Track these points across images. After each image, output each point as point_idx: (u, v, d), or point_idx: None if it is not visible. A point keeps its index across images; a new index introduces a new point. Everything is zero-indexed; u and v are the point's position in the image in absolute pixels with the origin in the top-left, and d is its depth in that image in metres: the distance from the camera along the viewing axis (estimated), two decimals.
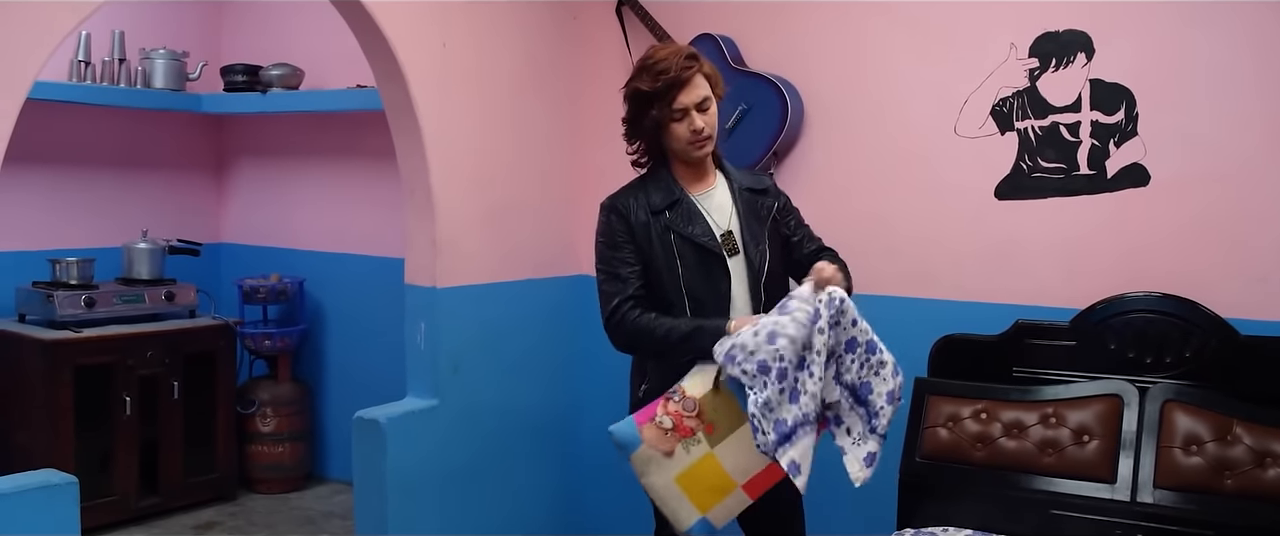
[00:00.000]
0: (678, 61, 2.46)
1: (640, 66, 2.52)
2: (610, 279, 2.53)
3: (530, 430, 3.78)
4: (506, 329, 3.63)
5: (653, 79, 2.46)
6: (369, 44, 3.21)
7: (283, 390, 4.79)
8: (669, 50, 2.50)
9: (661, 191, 2.55)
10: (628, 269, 2.51)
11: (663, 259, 2.51)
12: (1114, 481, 2.73)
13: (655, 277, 2.52)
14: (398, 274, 3.52)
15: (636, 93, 2.49)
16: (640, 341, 2.50)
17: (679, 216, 2.52)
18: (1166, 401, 2.75)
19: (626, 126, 2.58)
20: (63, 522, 2.48)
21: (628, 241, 2.53)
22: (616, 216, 2.55)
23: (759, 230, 2.57)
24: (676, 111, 2.47)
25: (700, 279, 2.50)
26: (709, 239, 2.51)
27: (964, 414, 2.94)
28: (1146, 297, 2.88)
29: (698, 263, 2.50)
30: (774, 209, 2.63)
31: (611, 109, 3.90)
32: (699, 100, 2.48)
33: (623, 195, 2.60)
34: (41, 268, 4.40)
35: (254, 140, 5.22)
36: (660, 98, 2.45)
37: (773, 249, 2.58)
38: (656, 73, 2.46)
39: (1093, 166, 3.05)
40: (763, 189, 2.66)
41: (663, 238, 2.51)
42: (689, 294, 2.49)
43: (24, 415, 4.18)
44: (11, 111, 2.40)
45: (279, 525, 4.39)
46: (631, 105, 2.53)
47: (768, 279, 2.54)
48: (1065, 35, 3.06)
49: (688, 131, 2.48)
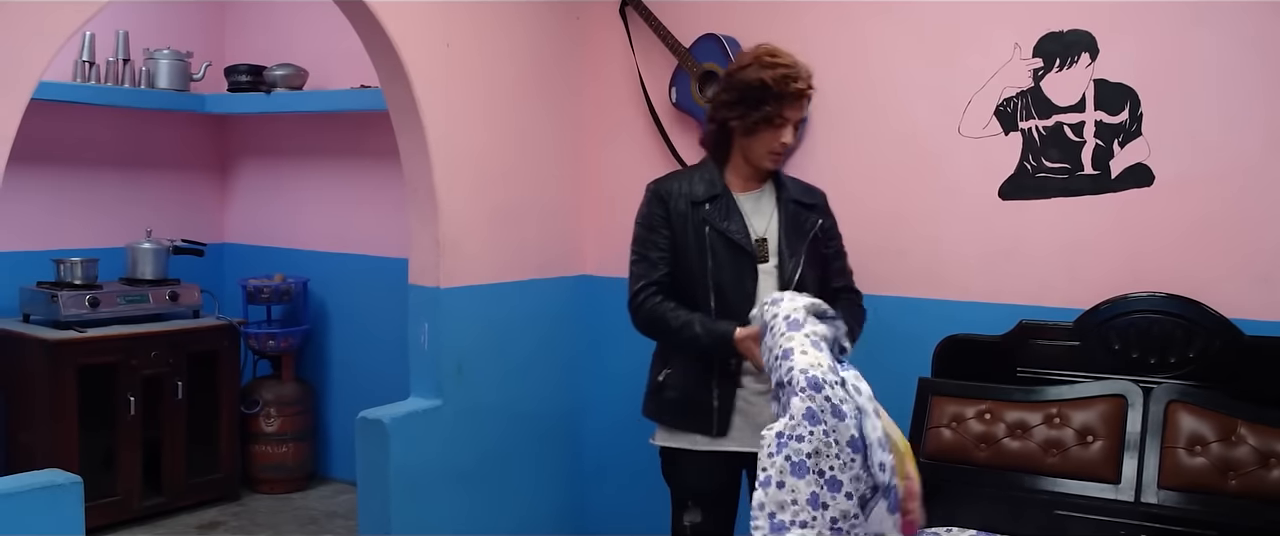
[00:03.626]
0: (806, 76, 2.47)
1: (759, 59, 2.48)
2: (641, 261, 2.58)
3: (534, 430, 3.78)
4: (510, 329, 3.63)
5: (779, 80, 2.44)
6: (373, 44, 3.21)
7: (286, 390, 4.80)
8: (794, 58, 2.49)
9: (705, 184, 2.57)
10: (657, 253, 2.55)
11: (695, 250, 2.53)
12: (1118, 482, 2.72)
13: (685, 267, 2.54)
14: (401, 274, 3.52)
15: (757, 82, 2.45)
16: (655, 328, 2.55)
17: (717, 211, 2.53)
18: (1171, 402, 2.75)
19: (718, 107, 2.55)
20: (66, 522, 2.47)
21: (664, 226, 2.56)
22: (657, 201, 2.59)
23: (798, 243, 2.58)
24: (780, 119, 2.47)
25: (729, 275, 2.52)
26: (743, 237, 2.53)
27: (968, 414, 2.94)
28: (1151, 298, 2.88)
29: (728, 259, 2.52)
30: (818, 226, 2.64)
31: (616, 108, 3.93)
32: (802, 118, 2.52)
33: (668, 180, 2.63)
34: (45, 268, 4.40)
35: (258, 140, 5.22)
36: (776, 99, 2.45)
37: (809, 264, 2.58)
38: (784, 76, 2.44)
39: (1097, 167, 3.04)
40: (811, 203, 2.66)
41: (698, 229, 2.53)
42: (715, 287, 2.52)
43: (28, 415, 4.18)
44: (16, 111, 2.40)
45: (282, 525, 4.39)
46: (741, 91, 2.48)
47: (797, 287, 2.53)
48: (1069, 35, 3.06)
49: (777, 142, 2.50)
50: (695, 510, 2.63)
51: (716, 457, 2.58)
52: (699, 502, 2.62)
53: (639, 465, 3.94)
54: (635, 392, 3.94)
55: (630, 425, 3.95)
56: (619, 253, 3.91)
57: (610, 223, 3.97)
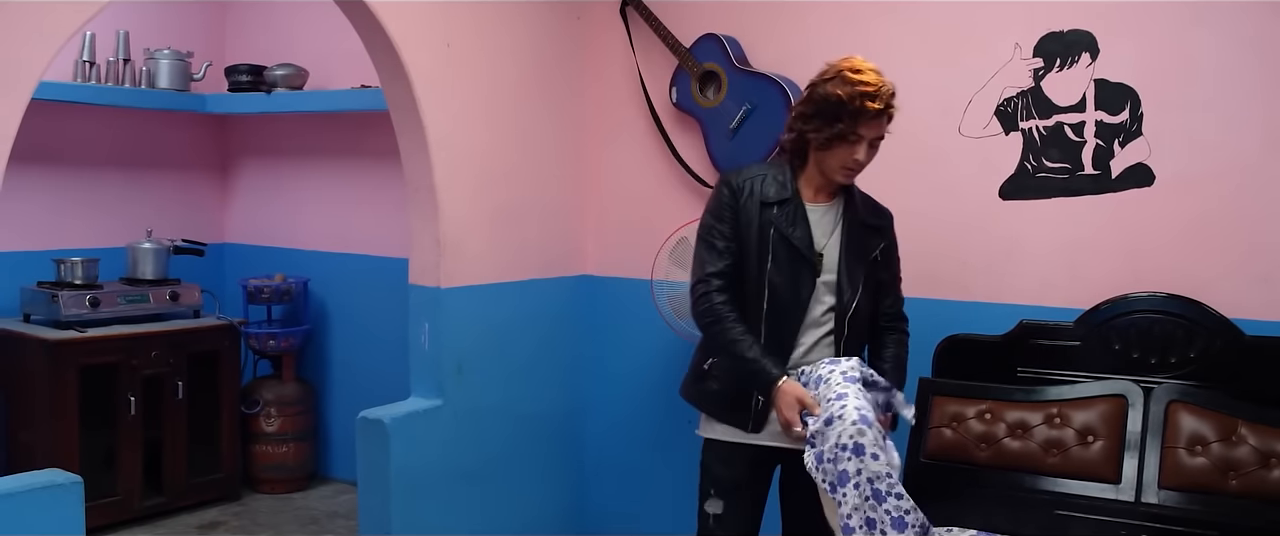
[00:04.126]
0: (885, 93, 2.44)
1: (840, 73, 2.45)
2: (708, 248, 2.57)
3: (534, 430, 3.78)
4: (511, 329, 3.63)
5: (855, 97, 2.41)
6: (373, 44, 3.21)
7: (287, 390, 4.80)
8: (877, 74, 2.45)
9: (777, 185, 2.56)
10: (724, 243, 2.55)
11: (757, 249, 2.53)
12: (1118, 482, 2.72)
13: (744, 263, 2.54)
14: (402, 274, 3.52)
15: (834, 98, 2.43)
16: (711, 329, 2.54)
17: (785, 215, 2.53)
18: (1171, 402, 2.75)
19: (796, 117, 2.54)
20: (67, 522, 2.48)
21: (732, 218, 2.55)
22: (729, 192, 2.58)
23: (857, 268, 2.58)
24: (855, 136, 2.45)
25: (786, 280, 2.52)
26: (806, 246, 2.52)
27: (968, 414, 2.93)
28: (1151, 298, 2.88)
29: (788, 264, 2.52)
30: (880, 249, 2.64)
31: (617, 108, 3.93)
32: (878, 135, 2.49)
33: (744, 174, 2.61)
34: (46, 267, 4.40)
35: (258, 140, 5.22)
36: (852, 116, 2.42)
37: (866, 292, 2.58)
38: (861, 93, 2.41)
39: (1097, 166, 3.04)
40: (878, 225, 2.66)
41: (763, 229, 2.53)
42: (770, 289, 2.52)
43: (28, 415, 4.18)
44: (16, 111, 2.40)
45: (283, 525, 4.39)
46: (818, 105, 2.47)
47: (853, 315, 2.56)
48: (1070, 35, 3.06)
49: (851, 159, 2.48)
50: (718, 500, 2.63)
51: (747, 450, 2.59)
52: (723, 493, 2.63)
53: (639, 465, 3.95)
54: (636, 393, 3.96)
55: (631, 425, 3.97)
56: (619, 253, 3.93)
57: (611, 223, 3.97)
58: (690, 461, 3.46)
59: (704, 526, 2.66)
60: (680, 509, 3.80)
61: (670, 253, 3.50)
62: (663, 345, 3.78)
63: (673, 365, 3.83)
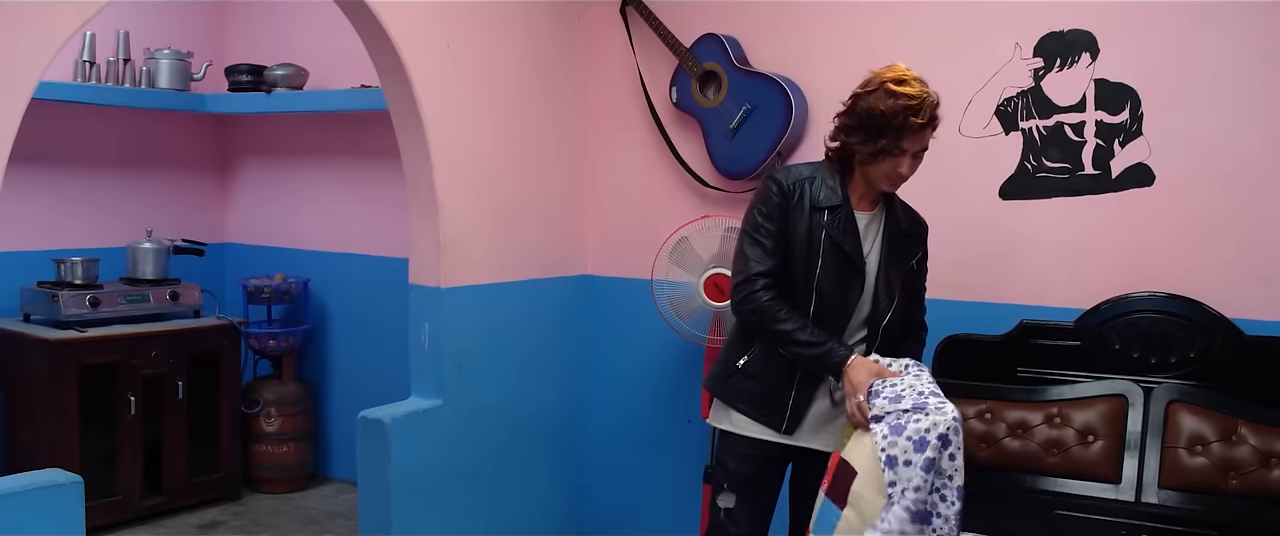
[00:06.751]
0: (929, 106, 2.39)
1: (884, 85, 2.40)
2: (754, 244, 2.52)
3: (534, 430, 3.78)
4: (511, 329, 3.63)
5: (898, 112, 2.37)
6: (373, 44, 3.21)
7: (287, 390, 4.80)
8: (921, 85, 2.40)
9: (828, 191, 2.52)
10: (772, 242, 2.51)
11: (805, 252, 2.50)
12: (1119, 481, 2.73)
13: (791, 265, 2.51)
14: (402, 274, 3.52)
15: (877, 112, 2.38)
16: (765, 325, 2.50)
17: (835, 222, 2.50)
18: (1171, 402, 2.75)
19: (841, 129, 2.50)
20: (67, 522, 2.48)
21: (780, 217, 2.51)
22: (779, 191, 2.53)
23: (895, 277, 2.56)
24: (899, 149, 2.41)
25: (834, 284, 2.50)
26: (857, 254, 2.50)
27: (969, 414, 2.93)
28: (1151, 298, 2.88)
29: (836, 269, 2.50)
30: (915, 259, 2.63)
31: (617, 108, 3.93)
32: (923, 148, 2.45)
33: (795, 173, 2.56)
34: (46, 267, 4.40)
35: (258, 140, 5.22)
36: (895, 131, 2.38)
37: (901, 301, 2.57)
38: (905, 108, 2.36)
39: (1097, 166, 3.04)
40: (914, 234, 2.64)
41: (813, 233, 2.49)
42: (818, 292, 2.50)
43: (29, 415, 4.18)
44: (16, 111, 2.40)
45: (283, 525, 4.39)
46: (861, 118, 2.42)
47: (888, 323, 2.54)
48: (1070, 35, 3.06)
49: (895, 171, 2.45)
50: (731, 494, 2.62)
51: (766, 447, 2.58)
52: (737, 487, 2.62)
53: (639, 465, 3.95)
54: (636, 392, 3.97)
55: (631, 425, 3.97)
56: (619, 253, 3.93)
57: (611, 223, 3.97)
58: (690, 461, 3.48)
59: (715, 520, 2.66)
60: (680, 508, 3.81)
61: (670, 252, 3.50)
62: (663, 345, 3.78)
63: (673, 365, 3.83)
